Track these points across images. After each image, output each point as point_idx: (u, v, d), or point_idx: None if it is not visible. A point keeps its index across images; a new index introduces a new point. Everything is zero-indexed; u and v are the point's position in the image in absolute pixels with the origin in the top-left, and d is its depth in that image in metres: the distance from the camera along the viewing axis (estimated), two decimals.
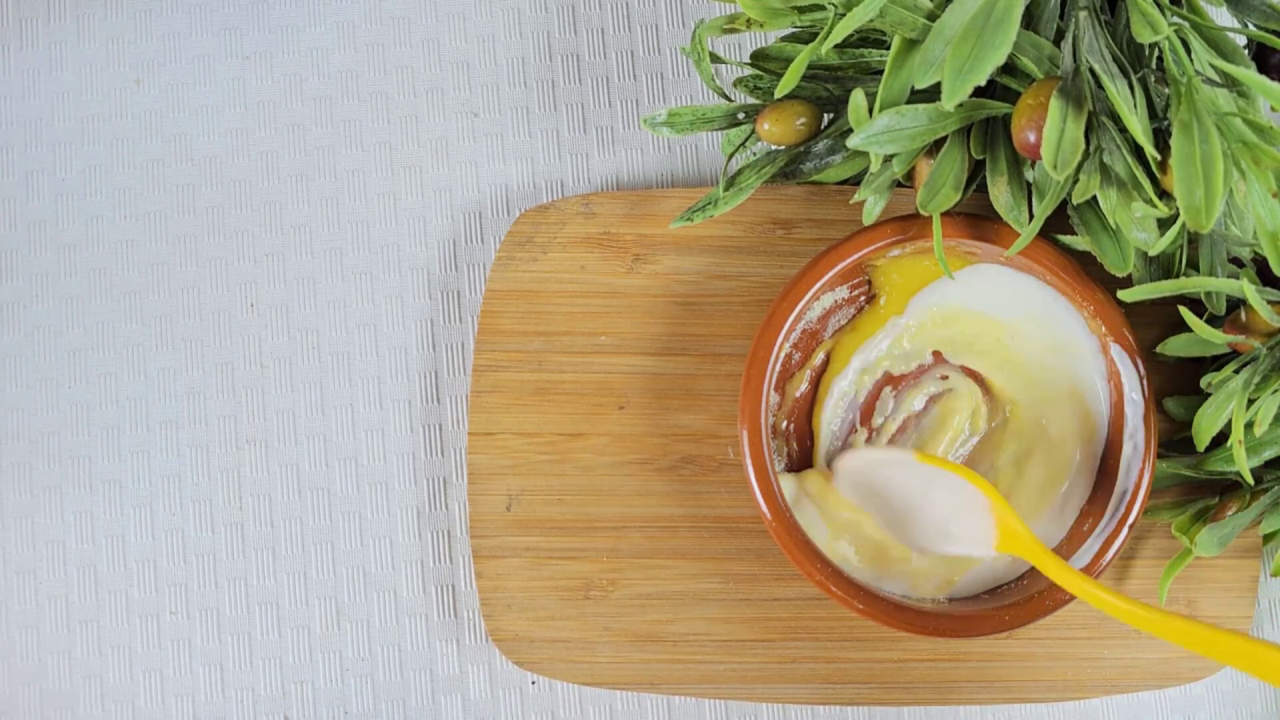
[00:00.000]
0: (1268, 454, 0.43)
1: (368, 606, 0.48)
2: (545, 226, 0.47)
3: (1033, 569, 0.44)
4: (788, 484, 0.44)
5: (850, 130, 0.42)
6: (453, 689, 0.47)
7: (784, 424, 0.46)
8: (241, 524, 0.48)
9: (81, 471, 0.48)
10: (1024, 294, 0.45)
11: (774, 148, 0.45)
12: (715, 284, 0.47)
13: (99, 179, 0.49)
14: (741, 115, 0.44)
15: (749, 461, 0.43)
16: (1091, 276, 0.43)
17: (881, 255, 0.44)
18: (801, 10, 0.39)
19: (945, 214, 0.43)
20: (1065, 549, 0.44)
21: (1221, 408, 0.42)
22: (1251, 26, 0.40)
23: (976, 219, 0.44)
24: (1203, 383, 0.43)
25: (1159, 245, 0.38)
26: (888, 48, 0.41)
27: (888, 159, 0.41)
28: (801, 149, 0.44)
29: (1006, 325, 0.45)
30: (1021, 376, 0.45)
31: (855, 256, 0.44)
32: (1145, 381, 0.43)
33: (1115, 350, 0.43)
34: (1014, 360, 0.45)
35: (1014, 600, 0.43)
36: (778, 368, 0.44)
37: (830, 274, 0.43)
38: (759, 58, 0.43)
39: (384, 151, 0.50)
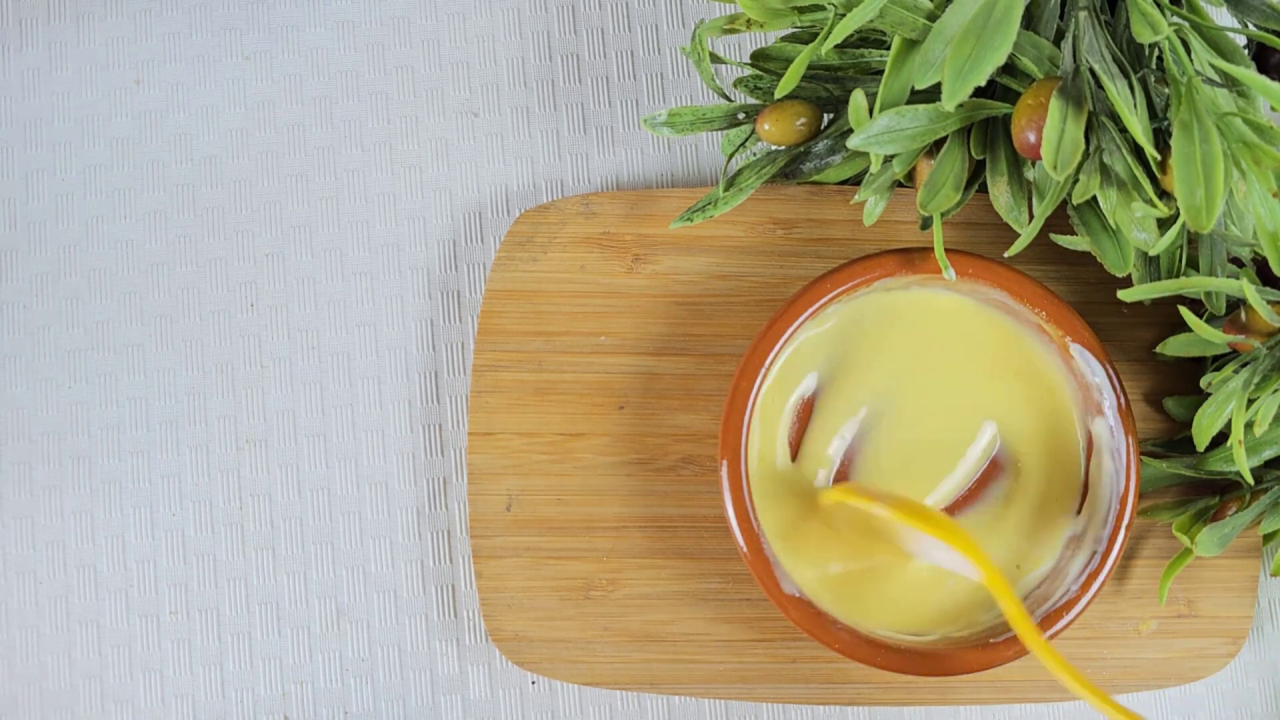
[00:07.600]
0: (1268, 454, 0.43)
1: (368, 606, 0.48)
2: (545, 226, 0.47)
3: None
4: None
5: (850, 130, 0.42)
6: (453, 689, 0.47)
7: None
8: (241, 524, 0.48)
9: (81, 471, 0.48)
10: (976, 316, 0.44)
11: (774, 148, 0.45)
12: (715, 284, 0.47)
13: (99, 179, 0.49)
14: (741, 115, 0.44)
15: (728, 496, 0.42)
16: (1037, 279, 0.43)
17: (867, 286, 0.43)
18: (801, 10, 0.39)
19: (870, 257, 0.43)
20: (1065, 558, 0.44)
21: (1221, 408, 0.42)
22: (1251, 26, 0.40)
23: (905, 253, 0.43)
24: (1203, 383, 0.43)
25: (1159, 245, 0.38)
26: (888, 48, 0.41)
27: (888, 159, 0.41)
28: (801, 149, 0.44)
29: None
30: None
31: (833, 293, 0.43)
32: (1112, 371, 0.42)
33: (1076, 349, 0.43)
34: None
35: (993, 640, 0.42)
36: (759, 399, 0.44)
37: (812, 309, 0.43)
38: (759, 58, 0.43)
39: (384, 151, 0.50)
